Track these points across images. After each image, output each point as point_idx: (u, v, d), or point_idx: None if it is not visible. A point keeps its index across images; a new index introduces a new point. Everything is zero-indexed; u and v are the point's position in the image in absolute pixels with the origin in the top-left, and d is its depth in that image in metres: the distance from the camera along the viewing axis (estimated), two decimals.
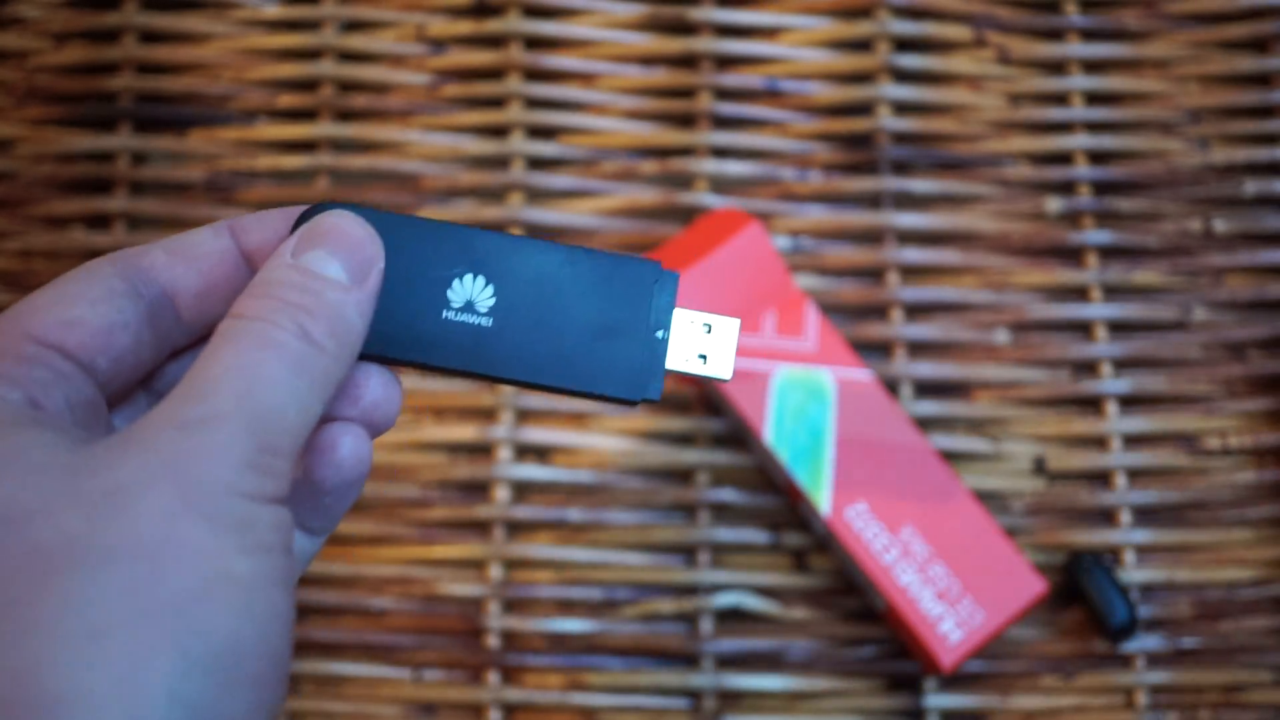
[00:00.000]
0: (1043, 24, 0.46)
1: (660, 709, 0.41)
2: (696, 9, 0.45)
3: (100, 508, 0.18)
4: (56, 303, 0.21)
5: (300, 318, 0.21)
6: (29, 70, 0.46)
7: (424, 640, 0.41)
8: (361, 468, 0.23)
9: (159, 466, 0.18)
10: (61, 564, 0.17)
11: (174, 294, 0.23)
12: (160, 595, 0.18)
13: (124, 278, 0.22)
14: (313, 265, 0.22)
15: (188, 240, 0.23)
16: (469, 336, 0.24)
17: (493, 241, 0.24)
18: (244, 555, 0.19)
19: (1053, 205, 0.44)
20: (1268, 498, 0.42)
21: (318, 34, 0.46)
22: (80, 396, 0.21)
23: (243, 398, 0.19)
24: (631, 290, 0.24)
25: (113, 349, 0.21)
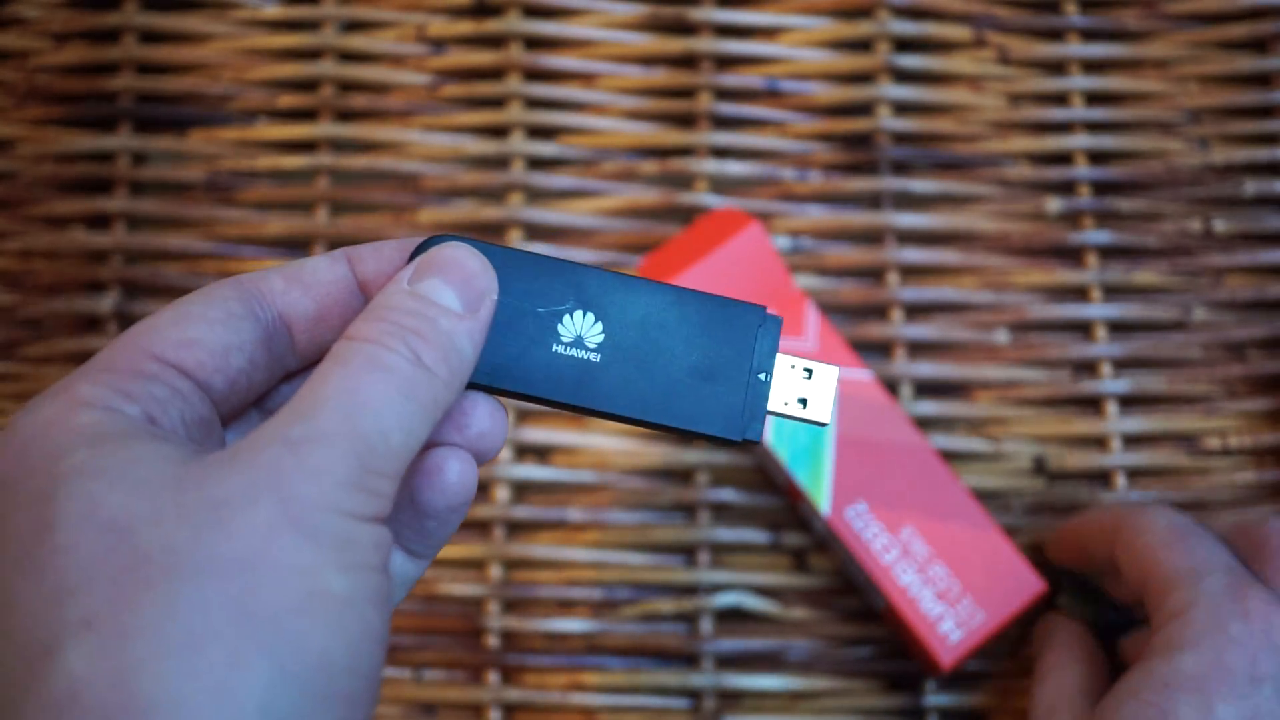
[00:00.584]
0: (1043, 24, 0.46)
1: (660, 709, 0.41)
2: (696, 9, 0.45)
3: (204, 520, 0.18)
4: (176, 323, 0.22)
5: (413, 342, 0.21)
6: (29, 70, 0.46)
7: (424, 640, 0.41)
8: (467, 493, 0.24)
9: (263, 481, 0.19)
10: (164, 572, 0.18)
11: (290, 319, 0.24)
12: (257, 608, 0.18)
13: (242, 301, 0.23)
14: (428, 292, 0.22)
15: (305, 267, 0.24)
16: (577, 371, 0.25)
17: (604, 279, 0.25)
18: (342, 573, 0.19)
19: (1053, 205, 0.44)
20: (1268, 498, 0.42)
21: (318, 34, 0.46)
22: (195, 414, 0.22)
23: (349, 418, 0.20)
24: (736, 332, 0.25)
25: (228, 369, 0.22)
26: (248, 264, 0.44)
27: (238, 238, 0.45)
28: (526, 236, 0.44)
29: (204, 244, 0.44)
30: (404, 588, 0.25)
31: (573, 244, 0.44)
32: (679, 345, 0.25)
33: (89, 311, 0.44)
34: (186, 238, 0.44)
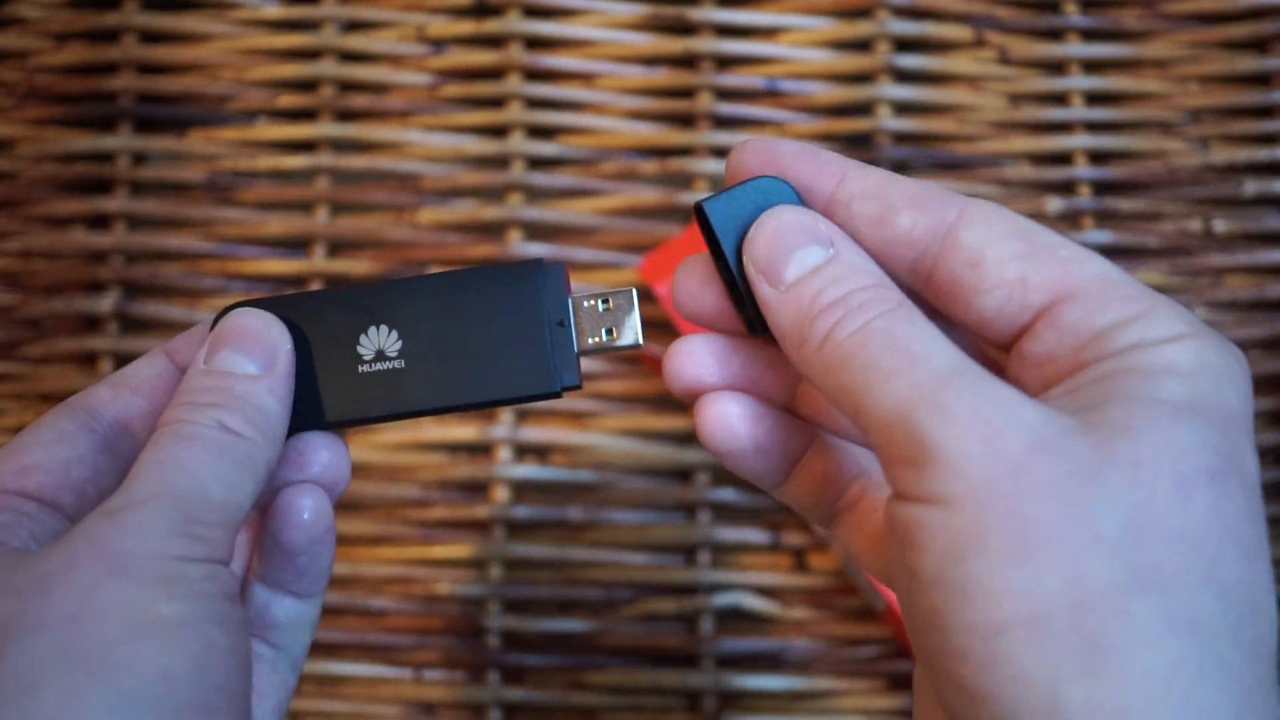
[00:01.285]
0: (1043, 24, 0.46)
1: (660, 709, 0.41)
2: (696, 9, 0.45)
3: (29, 591, 0.20)
4: (11, 454, 0.24)
5: (215, 413, 0.23)
6: (29, 70, 0.46)
7: (424, 640, 0.41)
8: (324, 523, 0.25)
9: (82, 549, 0.20)
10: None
11: (125, 422, 0.25)
12: (86, 647, 0.19)
13: (72, 419, 0.24)
14: (222, 365, 0.24)
15: (127, 373, 0.26)
16: (387, 382, 0.25)
17: (384, 291, 0.26)
18: (172, 601, 0.20)
19: (1053, 205, 0.44)
20: (1268, 497, 0.42)
21: (318, 34, 0.46)
22: (45, 529, 0.23)
23: (162, 483, 0.22)
24: (521, 292, 0.25)
25: (72, 483, 0.24)
26: (247, 264, 0.44)
27: (238, 238, 0.45)
28: (526, 236, 0.44)
29: (204, 244, 0.44)
30: (304, 630, 0.26)
31: (573, 244, 0.44)
32: (474, 325, 0.25)
33: (89, 311, 0.44)
34: (186, 238, 0.44)
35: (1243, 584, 0.19)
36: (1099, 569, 0.18)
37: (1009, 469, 0.19)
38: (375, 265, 0.44)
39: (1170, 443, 0.19)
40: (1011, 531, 0.19)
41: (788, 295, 0.22)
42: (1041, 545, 0.19)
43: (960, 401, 0.20)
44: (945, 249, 0.23)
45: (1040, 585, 0.18)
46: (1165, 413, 0.20)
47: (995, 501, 0.19)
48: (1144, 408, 0.20)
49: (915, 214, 0.23)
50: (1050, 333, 0.22)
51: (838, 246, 0.23)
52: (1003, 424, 0.19)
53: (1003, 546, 0.19)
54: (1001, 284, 0.22)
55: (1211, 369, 0.21)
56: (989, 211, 0.23)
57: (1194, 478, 0.19)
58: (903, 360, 0.21)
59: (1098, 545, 0.19)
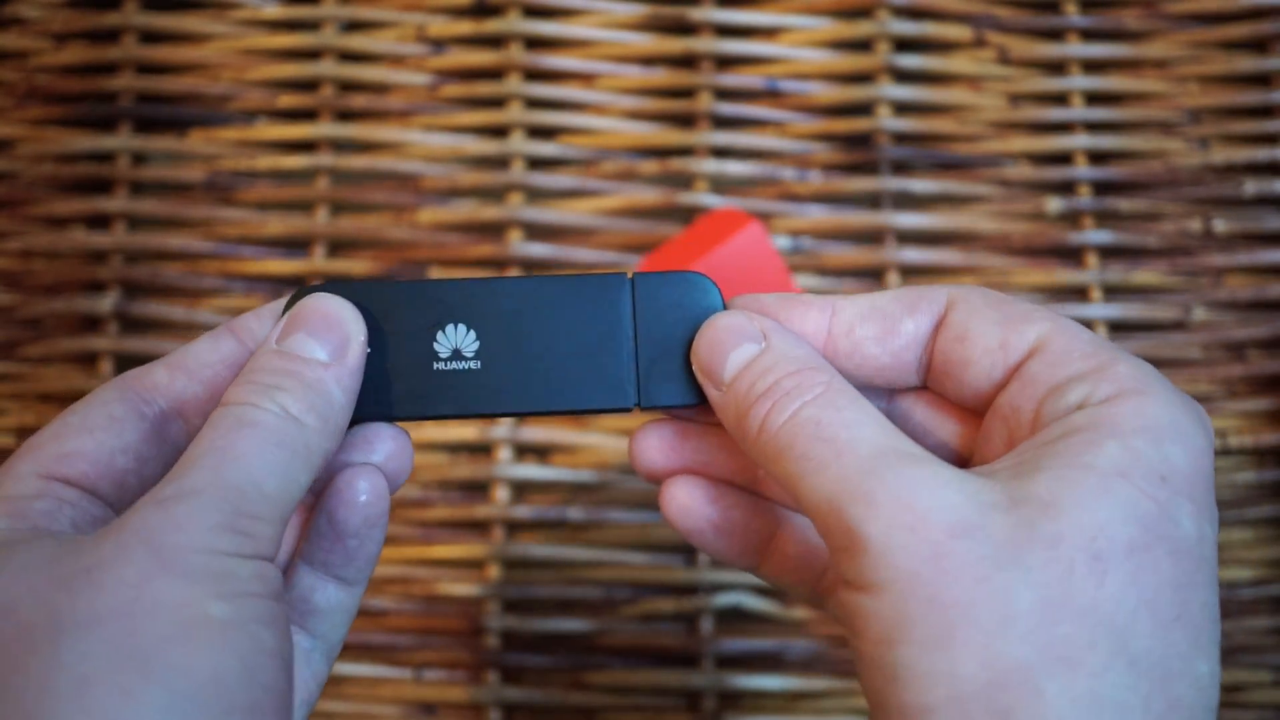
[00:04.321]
0: (1043, 24, 0.46)
1: (660, 709, 0.41)
2: (696, 9, 0.45)
3: (79, 584, 0.20)
4: (56, 437, 0.23)
5: (279, 397, 0.23)
6: (29, 70, 0.46)
7: (424, 640, 0.41)
8: (380, 506, 0.25)
9: (132, 540, 0.20)
10: (45, 634, 0.19)
11: (179, 408, 0.24)
12: (138, 644, 0.19)
13: (124, 402, 0.24)
14: (294, 348, 0.24)
15: (188, 354, 0.25)
16: (462, 382, 0.25)
17: (466, 288, 0.26)
18: (221, 600, 0.20)
19: (1053, 205, 0.44)
20: (1268, 498, 0.42)
21: (318, 34, 0.46)
22: (86, 517, 0.23)
23: (216, 471, 0.21)
24: (607, 305, 0.25)
25: (113, 472, 0.23)
26: (248, 264, 0.44)
27: (238, 238, 0.45)
28: (526, 236, 0.44)
29: (204, 244, 0.44)
30: (343, 619, 0.26)
31: (573, 244, 0.44)
32: (555, 331, 0.25)
33: (89, 311, 0.44)
34: (186, 238, 0.44)
35: (1154, 654, 0.20)
36: (1011, 649, 0.19)
37: (930, 555, 0.20)
38: (375, 265, 0.44)
39: (1090, 518, 0.20)
40: (933, 617, 0.20)
41: (728, 394, 0.24)
42: (959, 629, 0.19)
43: (885, 489, 0.21)
44: (942, 334, 0.24)
45: (958, 668, 0.19)
46: (1092, 483, 0.20)
47: (917, 588, 0.20)
48: (1073, 478, 0.20)
49: (914, 317, 0.24)
50: (1016, 384, 0.23)
51: (769, 338, 0.24)
52: (925, 509, 0.20)
53: (925, 632, 0.20)
54: (986, 351, 0.23)
55: (1155, 427, 0.21)
56: (970, 292, 0.24)
57: (1110, 553, 0.20)
58: (829, 450, 0.22)
59: (1011, 626, 0.19)
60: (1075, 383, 0.22)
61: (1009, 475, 0.21)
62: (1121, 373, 0.22)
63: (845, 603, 0.21)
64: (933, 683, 0.19)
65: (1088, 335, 0.23)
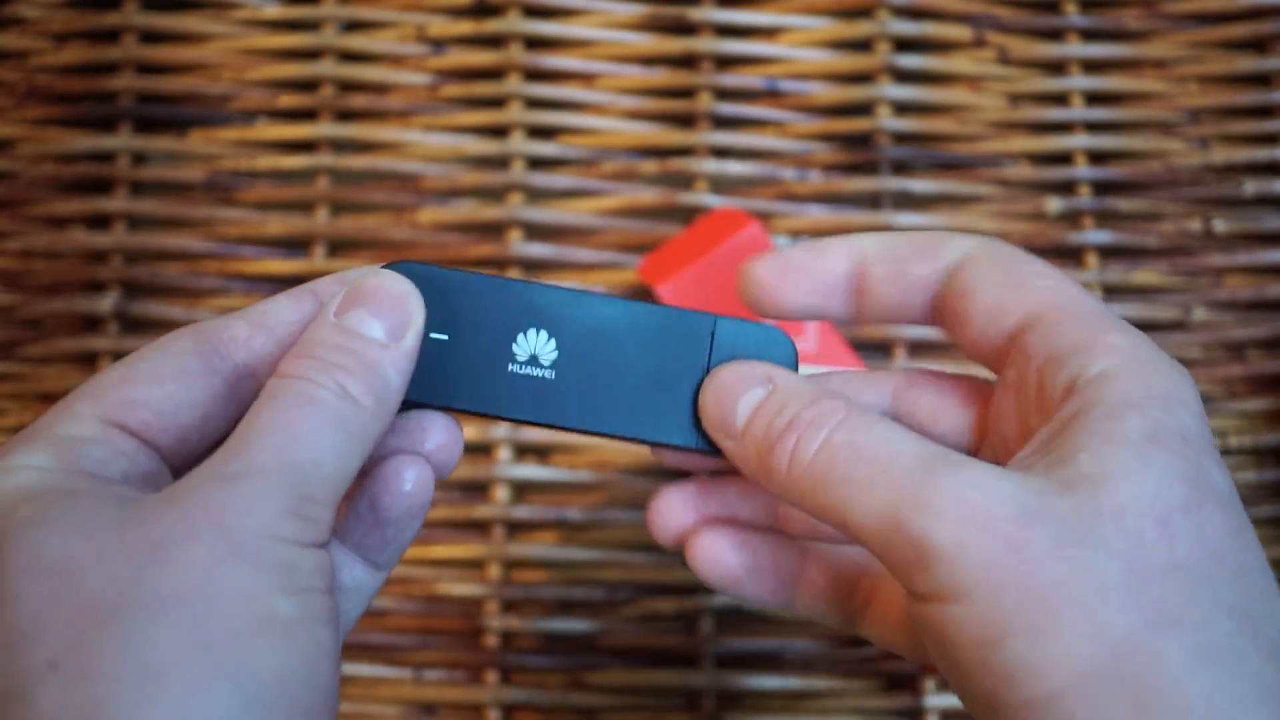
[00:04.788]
0: (1043, 24, 0.46)
1: (660, 709, 0.41)
2: (696, 9, 0.45)
3: (146, 557, 0.19)
4: (125, 381, 0.22)
5: (339, 376, 0.22)
6: (29, 70, 0.46)
7: (424, 640, 0.41)
8: (424, 497, 0.25)
9: (200, 517, 0.20)
10: (114, 611, 0.19)
11: (254, 366, 0.24)
12: (211, 636, 0.19)
13: (199, 355, 0.23)
14: (353, 324, 0.23)
15: (268, 311, 0.24)
16: (533, 388, 0.25)
17: (556, 296, 0.25)
18: (287, 596, 0.20)
19: (1053, 205, 0.44)
20: (1268, 498, 0.42)
21: (318, 34, 0.46)
22: (139, 470, 0.22)
23: (281, 450, 0.21)
24: (690, 341, 0.25)
25: (176, 427, 0.22)
26: (248, 264, 0.44)
27: (238, 238, 0.45)
28: (526, 236, 0.44)
29: (204, 244, 0.44)
30: (363, 599, 0.26)
31: (573, 244, 0.44)
32: (634, 358, 0.25)
33: (89, 311, 0.44)
34: (186, 238, 0.44)
35: (1239, 601, 0.20)
36: (1118, 619, 0.19)
37: (1008, 547, 0.20)
38: (375, 265, 0.44)
39: (1143, 486, 0.20)
40: (1031, 606, 0.20)
41: (745, 440, 0.24)
42: (1063, 611, 0.19)
43: (942, 495, 0.21)
44: (948, 285, 0.24)
45: (1073, 650, 0.19)
46: (1130, 453, 0.21)
47: (1006, 582, 0.20)
48: (1111, 452, 0.21)
49: (924, 263, 0.25)
50: (1019, 357, 0.23)
51: (775, 380, 0.24)
52: (988, 505, 0.20)
53: (1028, 623, 0.20)
54: (984, 310, 0.24)
55: (1161, 395, 0.22)
56: (988, 248, 0.24)
57: (1171, 515, 0.20)
58: (874, 468, 0.21)
59: (1109, 597, 0.19)
60: (1071, 355, 0.22)
61: (1046, 465, 0.21)
62: (1116, 343, 0.22)
63: (926, 617, 0.21)
64: (1052, 670, 0.19)
65: (1084, 304, 0.23)
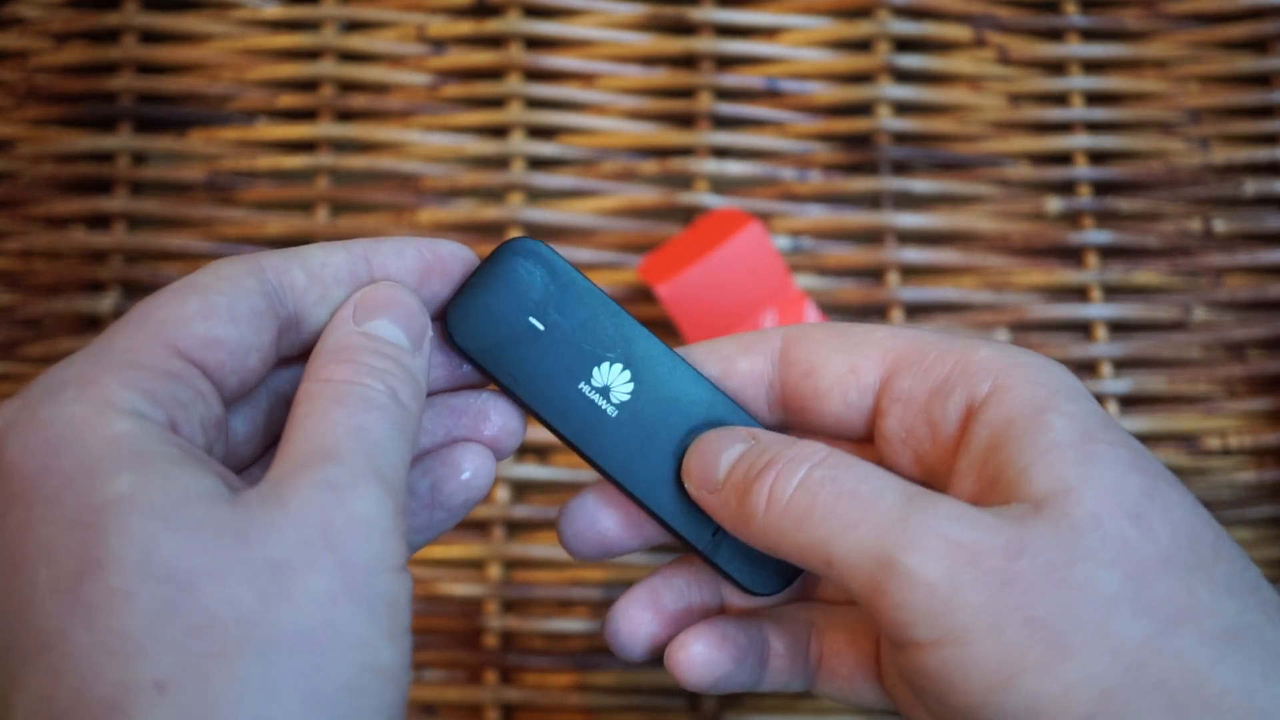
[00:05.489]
0: (1043, 24, 0.46)
1: (660, 709, 0.41)
2: (696, 9, 0.45)
3: (267, 584, 0.19)
4: (203, 315, 0.21)
5: (389, 380, 0.22)
6: (29, 70, 0.46)
7: (424, 640, 0.41)
8: (485, 485, 0.25)
9: (318, 539, 0.19)
10: (235, 644, 0.18)
11: (302, 317, 0.23)
12: (322, 686, 0.18)
13: (265, 295, 0.22)
14: (380, 332, 0.23)
15: (325, 265, 0.23)
16: (592, 417, 0.25)
17: (654, 349, 0.25)
18: (391, 643, 0.19)
19: (1053, 205, 0.44)
20: (1268, 498, 0.42)
21: (318, 34, 0.46)
22: (211, 415, 0.21)
23: (370, 458, 0.20)
24: None
25: (244, 370, 0.22)
26: None
27: (238, 238, 0.45)
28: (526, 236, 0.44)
29: (204, 244, 0.44)
30: None
31: (573, 244, 0.44)
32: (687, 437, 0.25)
33: (89, 311, 0.44)
34: (186, 238, 0.44)
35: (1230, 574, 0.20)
36: (1130, 628, 0.19)
37: (1002, 584, 0.20)
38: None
39: (1103, 486, 0.20)
40: (1038, 639, 0.19)
41: (725, 488, 0.23)
42: (1072, 634, 0.19)
43: (929, 533, 0.20)
44: (784, 372, 0.25)
45: (1091, 669, 0.19)
46: (1074, 457, 0.21)
47: (1006, 621, 0.19)
48: (1056, 461, 0.21)
49: (748, 357, 0.25)
50: (895, 407, 0.23)
51: (757, 436, 0.24)
52: (975, 541, 0.20)
53: (1039, 656, 0.19)
54: (837, 380, 0.24)
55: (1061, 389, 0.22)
56: (806, 328, 0.25)
57: (1140, 506, 0.20)
58: (858, 506, 0.21)
59: (1116, 608, 0.19)
60: (953, 384, 0.23)
61: (1000, 494, 0.21)
62: (987, 356, 0.23)
63: (921, 665, 0.20)
64: (1076, 695, 0.19)
65: (930, 336, 0.24)
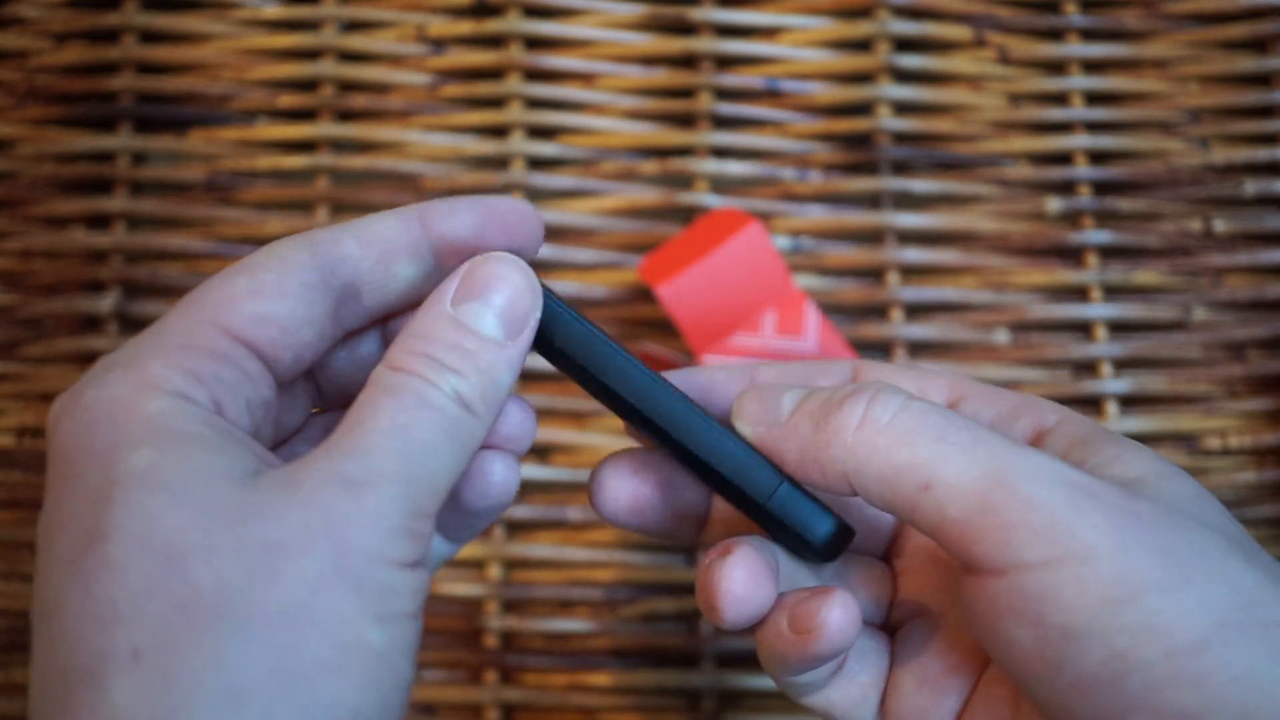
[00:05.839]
0: (1043, 24, 0.46)
1: (660, 709, 0.41)
2: (696, 9, 0.45)
3: (257, 562, 0.18)
4: (251, 293, 0.21)
5: (454, 381, 0.21)
6: (29, 70, 0.46)
7: (424, 640, 0.41)
8: (511, 492, 0.24)
9: (319, 526, 0.19)
10: (212, 616, 0.18)
11: (358, 286, 0.22)
12: (297, 663, 0.18)
13: (316, 268, 0.22)
14: (469, 320, 0.22)
15: (377, 234, 0.23)
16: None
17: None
18: (379, 625, 0.19)
19: (1053, 205, 0.44)
20: (1268, 498, 0.42)
21: (318, 34, 0.46)
22: (260, 396, 0.21)
23: (404, 458, 0.20)
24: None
25: (297, 346, 0.21)
26: None
27: (238, 238, 0.45)
28: None
29: (204, 244, 0.44)
30: (439, 563, 0.26)
31: (573, 244, 0.44)
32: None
33: (89, 311, 0.44)
34: (186, 238, 0.44)
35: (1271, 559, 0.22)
36: (1247, 573, 0.20)
37: (1122, 516, 0.20)
38: None
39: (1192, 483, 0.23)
40: (1160, 564, 0.20)
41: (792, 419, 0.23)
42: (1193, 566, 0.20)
43: (1045, 468, 0.21)
44: None
45: (1212, 598, 0.20)
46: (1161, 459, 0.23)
47: (1130, 544, 0.20)
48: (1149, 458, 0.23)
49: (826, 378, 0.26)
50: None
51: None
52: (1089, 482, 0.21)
53: (1164, 577, 0.20)
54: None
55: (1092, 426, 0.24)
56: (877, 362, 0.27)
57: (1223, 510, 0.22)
58: (971, 434, 0.22)
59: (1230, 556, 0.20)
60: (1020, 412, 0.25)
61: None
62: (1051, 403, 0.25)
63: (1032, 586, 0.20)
64: (1194, 619, 0.20)
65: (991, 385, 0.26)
